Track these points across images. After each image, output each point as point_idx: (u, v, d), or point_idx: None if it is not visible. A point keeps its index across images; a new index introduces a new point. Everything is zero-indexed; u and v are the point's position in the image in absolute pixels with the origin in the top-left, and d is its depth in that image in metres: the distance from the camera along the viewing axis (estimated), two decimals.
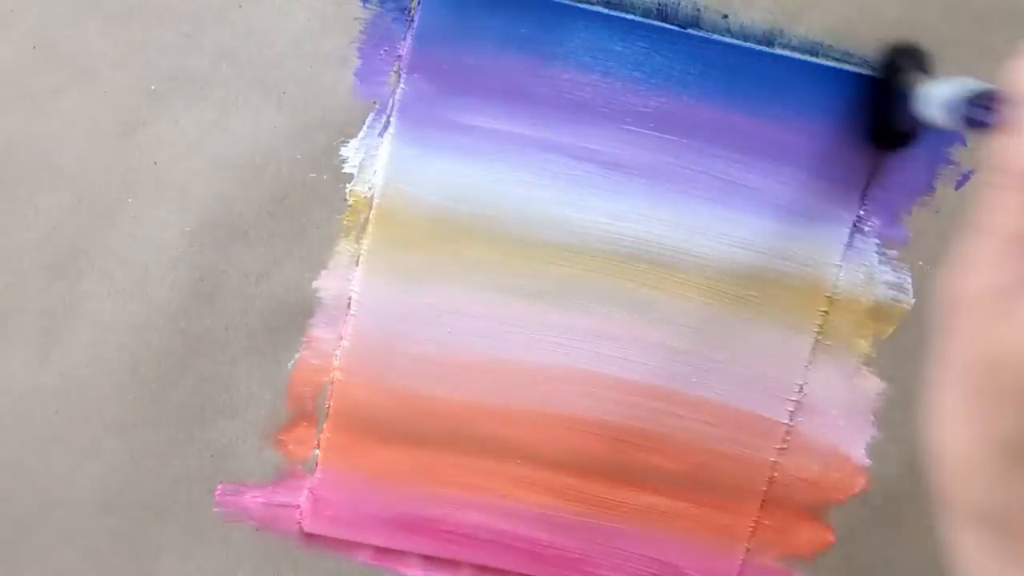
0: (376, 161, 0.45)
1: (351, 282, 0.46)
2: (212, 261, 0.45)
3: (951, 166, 0.45)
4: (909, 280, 0.46)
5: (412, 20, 0.43)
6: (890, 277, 0.46)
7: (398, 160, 0.44)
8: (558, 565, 0.49)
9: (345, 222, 0.45)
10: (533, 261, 0.45)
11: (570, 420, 0.47)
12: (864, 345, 0.47)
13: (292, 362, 0.46)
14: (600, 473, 0.48)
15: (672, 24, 0.44)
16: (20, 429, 0.47)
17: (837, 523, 0.48)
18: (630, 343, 0.46)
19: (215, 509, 0.48)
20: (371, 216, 0.45)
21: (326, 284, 0.46)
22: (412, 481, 0.47)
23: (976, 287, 0.28)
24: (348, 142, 0.44)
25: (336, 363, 0.46)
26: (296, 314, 0.46)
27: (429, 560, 0.49)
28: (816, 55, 0.44)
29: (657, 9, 0.44)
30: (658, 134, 0.44)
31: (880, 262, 0.46)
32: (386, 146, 0.44)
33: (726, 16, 0.44)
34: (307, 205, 0.45)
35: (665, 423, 0.47)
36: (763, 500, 0.48)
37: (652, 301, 0.46)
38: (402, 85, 0.44)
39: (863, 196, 0.45)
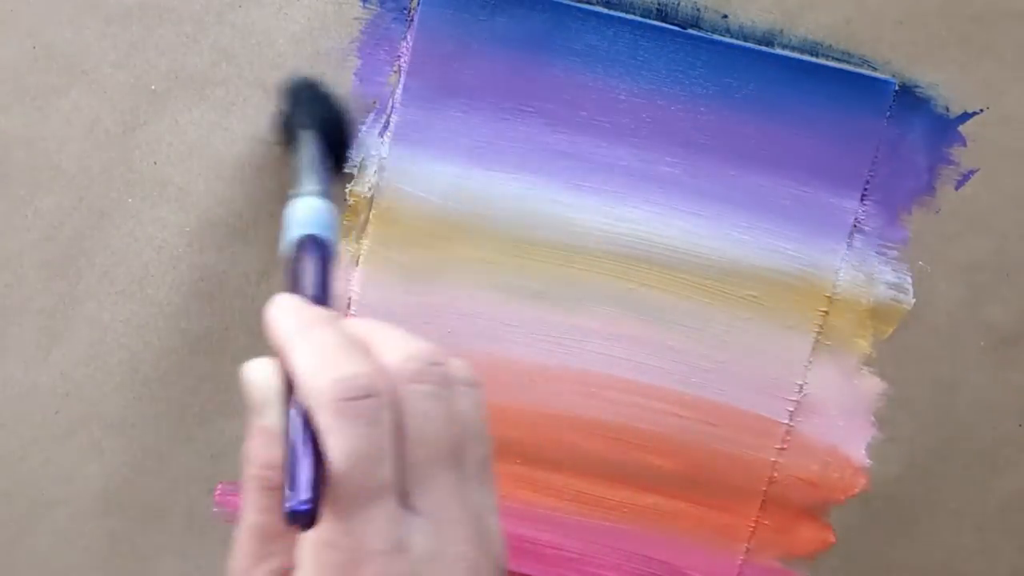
0: (376, 161, 0.45)
1: (351, 282, 0.46)
2: (212, 261, 0.45)
3: (951, 166, 0.45)
4: (909, 280, 0.46)
5: (412, 20, 0.43)
6: (890, 277, 0.46)
7: (398, 160, 0.44)
8: (558, 565, 0.49)
9: (345, 222, 0.45)
10: (533, 261, 0.45)
11: (570, 420, 0.47)
12: (864, 345, 0.47)
13: None
14: (600, 473, 0.48)
15: (672, 24, 0.44)
16: (20, 429, 0.47)
17: (837, 523, 0.48)
18: (630, 343, 0.46)
19: (215, 509, 0.48)
20: (371, 216, 0.45)
21: None
22: None
23: None
24: None
25: None
26: None
27: None
28: (816, 55, 0.44)
29: (657, 9, 0.44)
30: (658, 134, 0.44)
31: (880, 262, 0.46)
32: (386, 146, 0.44)
33: (726, 16, 0.44)
34: None
35: (665, 423, 0.47)
36: (763, 500, 0.48)
37: (652, 301, 0.46)
38: (402, 85, 0.44)
39: (863, 196, 0.45)
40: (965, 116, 0.44)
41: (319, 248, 0.35)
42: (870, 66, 0.44)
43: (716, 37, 0.44)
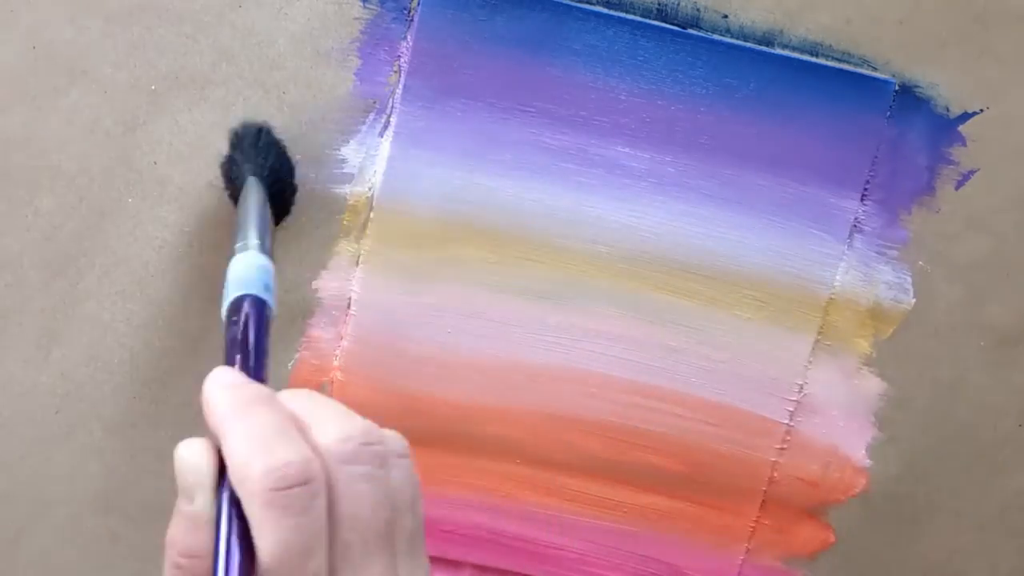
0: (376, 161, 0.45)
1: (351, 282, 0.46)
2: (212, 261, 0.45)
3: (951, 166, 0.45)
4: (909, 280, 0.46)
5: (412, 20, 0.43)
6: (890, 277, 0.46)
7: (398, 160, 0.44)
8: (558, 565, 0.49)
9: (345, 222, 0.45)
10: (533, 261, 0.45)
11: (570, 420, 0.47)
12: (864, 345, 0.47)
13: (292, 362, 0.46)
14: (600, 473, 0.48)
15: (672, 24, 0.44)
16: (20, 429, 0.47)
17: (837, 523, 0.48)
18: (630, 343, 0.46)
19: None
20: (371, 216, 0.45)
21: (326, 284, 0.46)
22: None
23: None
24: (348, 142, 0.44)
25: (336, 363, 0.46)
26: (296, 314, 0.46)
27: (429, 560, 0.49)
28: (816, 55, 0.44)
29: (657, 9, 0.44)
30: (658, 134, 0.44)
31: (880, 262, 0.46)
32: (386, 146, 0.44)
33: (726, 16, 0.44)
34: (307, 205, 0.45)
35: (665, 423, 0.47)
36: (763, 500, 0.48)
37: (652, 301, 0.46)
38: (402, 85, 0.44)
39: (863, 196, 0.45)
40: (965, 116, 0.44)
41: (256, 310, 0.35)
42: (870, 66, 0.44)
43: (716, 37, 0.44)
